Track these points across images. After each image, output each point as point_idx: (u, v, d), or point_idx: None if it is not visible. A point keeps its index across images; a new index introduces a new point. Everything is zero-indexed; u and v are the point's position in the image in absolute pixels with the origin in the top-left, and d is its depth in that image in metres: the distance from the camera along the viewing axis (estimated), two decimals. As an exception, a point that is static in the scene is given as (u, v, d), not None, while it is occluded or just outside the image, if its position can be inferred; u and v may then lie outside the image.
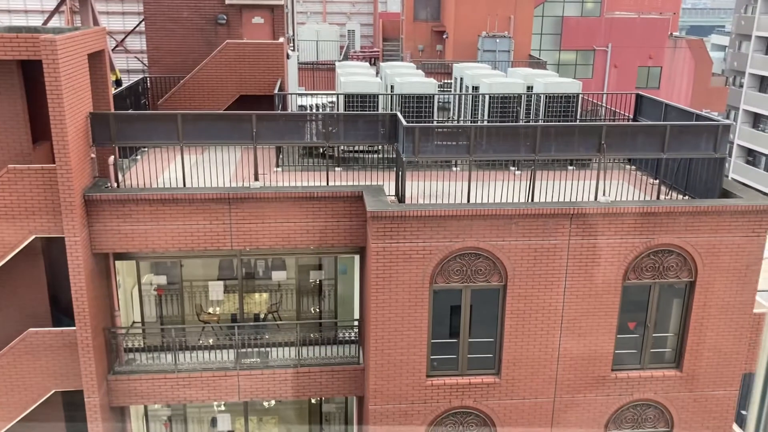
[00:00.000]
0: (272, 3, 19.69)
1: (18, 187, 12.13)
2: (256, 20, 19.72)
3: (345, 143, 14.56)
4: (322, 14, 48.66)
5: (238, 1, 19.50)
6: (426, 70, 24.73)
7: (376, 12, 49.62)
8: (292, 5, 22.90)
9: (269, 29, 20.10)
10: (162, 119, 13.55)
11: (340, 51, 36.31)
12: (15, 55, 11.65)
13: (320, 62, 31.32)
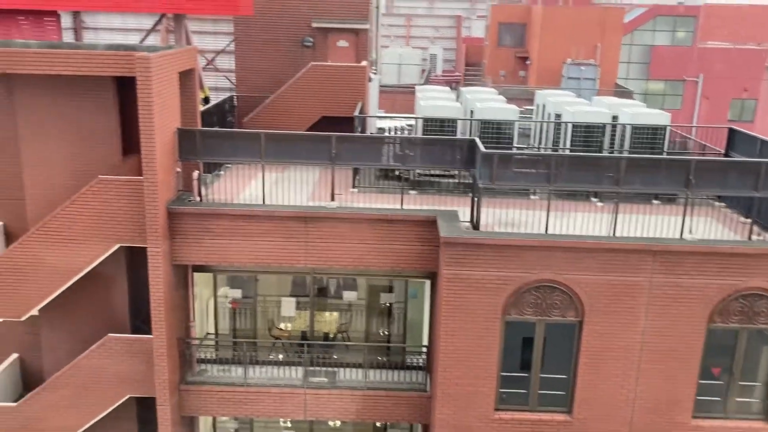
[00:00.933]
0: (357, 27, 20.00)
1: (107, 197, 12.67)
2: (341, 43, 20.06)
3: (421, 167, 14.54)
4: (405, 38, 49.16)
5: (325, 25, 19.91)
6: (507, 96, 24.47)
7: (460, 37, 49.73)
8: (377, 29, 23.20)
9: (353, 52, 20.40)
10: (246, 137, 13.91)
11: (421, 74, 36.52)
12: (111, 71, 12.24)
13: (401, 85, 31.56)
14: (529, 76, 38.59)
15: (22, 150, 13.45)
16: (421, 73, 36.96)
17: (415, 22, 50.33)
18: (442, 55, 46.18)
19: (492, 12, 40.33)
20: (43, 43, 14.28)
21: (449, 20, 51.26)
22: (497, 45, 39.61)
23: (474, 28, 51.17)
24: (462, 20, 51.04)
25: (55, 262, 12.79)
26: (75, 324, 14.16)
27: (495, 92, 20.26)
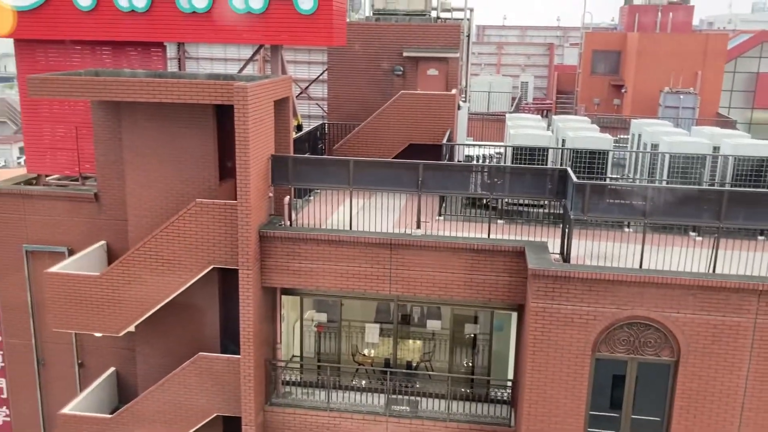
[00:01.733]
0: (448, 56, 20.10)
1: (202, 219, 13.17)
2: (431, 72, 20.21)
3: (510, 196, 14.33)
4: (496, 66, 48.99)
5: (415, 54, 20.12)
6: (601, 124, 23.85)
7: (552, 64, 49.10)
8: (467, 57, 23.24)
9: (443, 80, 20.49)
10: (335, 164, 14.16)
11: (511, 102, 36.21)
12: (211, 99, 12.79)
13: (491, 113, 31.37)
14: (624, 105, 37.52)
15: (126, 173, 14.23)
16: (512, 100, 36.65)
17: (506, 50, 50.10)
18: (533, 82, 45.69)
19: (586, 39, 39.63)
20: (150, 72, 15.10)
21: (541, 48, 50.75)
22: (591, 73, 38.81)
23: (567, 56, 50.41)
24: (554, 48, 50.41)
25: (153, 281, 13.36)
26: (168, 341, 14.72)
27: (588, 121, 19.80)
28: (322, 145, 20.13)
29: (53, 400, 16.48)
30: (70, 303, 13.59)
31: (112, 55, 15.81)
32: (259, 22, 14.68)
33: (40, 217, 15.43)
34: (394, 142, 18.18)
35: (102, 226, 15.22)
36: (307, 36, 14.82)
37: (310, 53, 24.46)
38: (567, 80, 43.91)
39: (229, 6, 14.59)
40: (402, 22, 20.81)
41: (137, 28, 15.04)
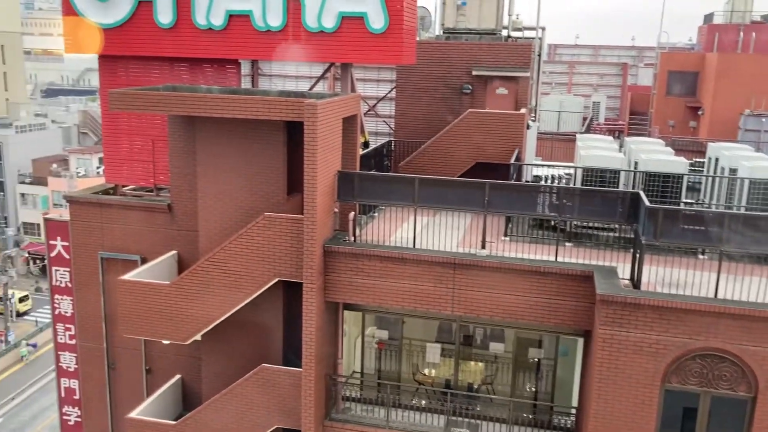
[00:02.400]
0: (518, 75, 19.91)
1: (270, 233, 13.40)
2: (500, 91, 20.05)
3: (579, 219, 14.01)
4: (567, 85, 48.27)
5: (485, 73, 20.02)
6: (675, 147, 23.11)
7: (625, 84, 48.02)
8: (538, 76, 22.97)
9: (512, 99, 20.29)
10: (401, 182, 14.19)
11: (582, 122, 35.53)
12: (282, 116, 13.05)
13: (561, 133, 30.86)
14: (701, 127, 36.28)
15: (199, 185, 14.65)
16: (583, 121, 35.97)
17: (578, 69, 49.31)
18: (605, 103, 44.74)
19: (661, 59, 38.59)
20: (224, 88, 15.55)
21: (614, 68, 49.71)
22: (666, 94, 37.72)
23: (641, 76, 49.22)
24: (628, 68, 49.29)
25: (220, 291, 13.66)
26: (233, 351, 14.98)
27: (662, 143, 19.21)
28: (388, 162, 20.21)
29: (122, 403, 17.01)
30: (141, 310, 14.03)
31: (189, 71, 16.37)
32: (330, 41, 14.93)
33: (116, 225, 16.04)
34: (461, 160, 18.08)
35: (174, 236, 15.69)
36: (377, 54, 14.97)
37: (379, 71, 24.66)
38: (640, 101, 42.81)
39: (302, 25, 14.89)
40: (472, 41, 20.76)
41: (214, 46, 15.53)
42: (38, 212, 65.75)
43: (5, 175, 67.29)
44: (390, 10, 14.53)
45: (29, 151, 68.29)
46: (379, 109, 24.20)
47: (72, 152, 68.06)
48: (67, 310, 17.57)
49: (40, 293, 60.00)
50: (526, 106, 20.39)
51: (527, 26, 22.96)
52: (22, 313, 56.73)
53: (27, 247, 65.47)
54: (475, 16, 21.13)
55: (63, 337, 17.84)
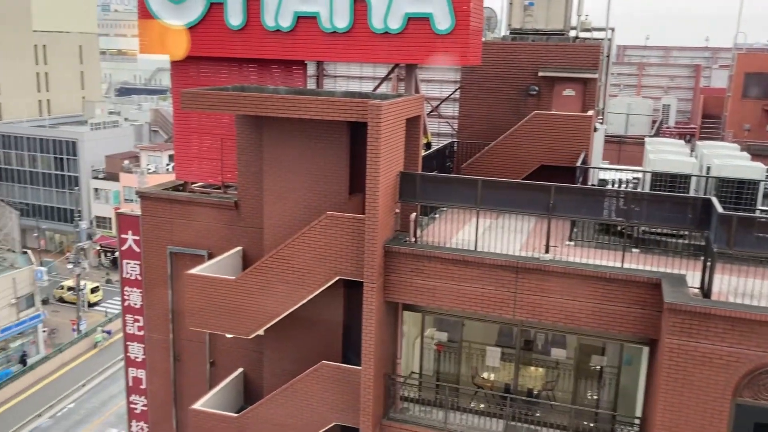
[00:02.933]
0: (586, 76, 19.52)
1: (332, 231, 13.54)
2: (567, 92, 19.70)
3: (647, 225, 13.64)
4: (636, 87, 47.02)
5: (552, 74, 19.71)
6: (751, 152, 22.20)
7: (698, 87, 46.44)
8: (606, 78, 22.46)
9: (579, 101, 19.91)
10: (464, 183, 14.11)
11: (651, 126, 34.53)
12: (347, 116, 13.17)
13: (629, 136, 30.08)
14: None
15: (265, 183, 14.93)
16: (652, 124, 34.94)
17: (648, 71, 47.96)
18: (675, 105, 43.36)
19: (738, 61, 37.12)
20: (291, 89, 15.80)
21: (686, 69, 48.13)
22: (742, 96, 36.26)
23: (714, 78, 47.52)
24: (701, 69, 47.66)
25: (283, 288, 13.88)
26: (294, 347, 15.21)
27: (736, 148, 18.51)
28: (450, 163, 20.13)
29: (186, 393, 17.50)
30: (206, 304, 14.40)
31: (257, 72, 16.70)
32: (396, 42, 14.97)
33: (185, 221, 16.52)
34: (525, 163, 17.85)
35: (239, 233, 16.05)
36: (442, 55, 14.93)
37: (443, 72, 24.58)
38: (714, 104, 41.29)
39: (368, 26, 14.99)
40: (539, 42, 20.47)
41: (281, 47, 15.79)
42: (110, 207, 68.32)
43: (80, 170, 70.15)
44: (456, 10, 14.47)
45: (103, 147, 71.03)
46: (442, 110, 24.13)
47: (143, 149, 70.42)
48: (136, 302, 18.19)
49: (110, 285, 62.31)
50: (594, 108, 19.96)
51: (596, 27, 22.49)
52: (93, 303, 59.04)
53: (99, 240, 68.07)
54: (542, 16, 20.83)
55: (132, 328, 18.48)
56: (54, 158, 70.93)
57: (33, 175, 72.24)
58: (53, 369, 48.69)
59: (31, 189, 72.56)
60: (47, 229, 71.31)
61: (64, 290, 59.27)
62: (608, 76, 22.76)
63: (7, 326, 47.06)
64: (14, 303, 47.31)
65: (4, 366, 47.49)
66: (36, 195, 72.54)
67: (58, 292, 59.55)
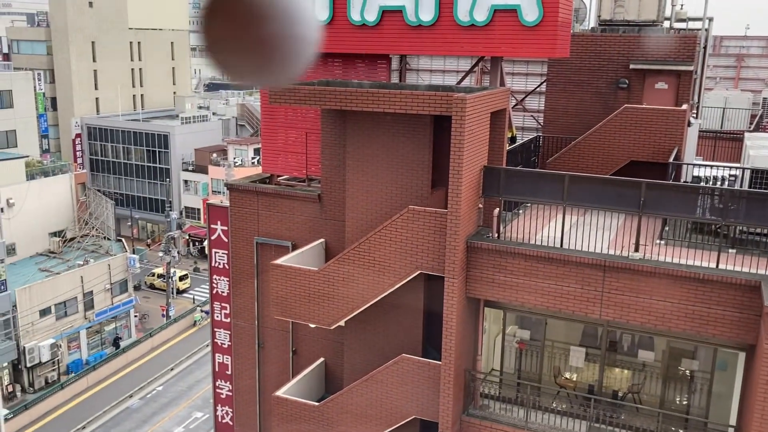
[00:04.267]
0: (680, 68, 18.70)
1: (413, 225, 13.55)
2: (659, 85, 18.94)
3: (745, 224, 12.96)
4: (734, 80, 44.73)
5: (643, 66, 18.99)
6: None
7: (802, 79, 43.68)
8: (702, 71, 21.44)
9: (672, 95, 19.10)
10: (549, 178, 13.83)
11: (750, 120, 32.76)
12: (431, 110, 13.13)
13: (725, 131, 28.65)
14: None
15: (348, 177, 15.10)
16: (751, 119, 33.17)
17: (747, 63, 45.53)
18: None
19: None
20: (374, 83, 15.88)
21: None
22: None
23: (821, 69, 44.57)
24: (806, 60, 44.83)
25: (364, 280, 14.02)
26: (375, 339, 15.35)
27: None
28: (535, 158, 19.74)
29: (269, 380, 17.98)
30: (290, 294, 14.72)
31: (342, 66, 16.88)
32: (482, 35, 14.78)
33: (271, 213, 16.93)
34: (614, 158, 17.29)
35: (322, 225, 16.31)
36: (529, 48, 14.64)
37: (528, 64, 24.14)
38: (820, 97, 38.72)
39: (453, 19, 14.87)
40: (630, 33, 19.75)
41: (366, 42, 15.89)
42: (198, 198, 70.83)
43: (171, 162, 73.05)
44: (544, 2, 14.13)
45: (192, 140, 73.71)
46: (527, 104, 23.68)
47: (230, 143, 72.59)
48: (223, 290, 18.80)
49: (198, 273, 64.66)
50: (688, 102, 19.10)
51: (692, 17, 21.50)
52: (181, 290, 61.49)
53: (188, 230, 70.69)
54: (634, 6, 20.08)
55: (219, 315, 19.11)
56: (147, 150, 74.14)
57: (127, 167, 75.78)
58: (144, 352, 51.04)
59: (125, 180, 76.14)
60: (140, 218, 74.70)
61: (155, 277, 61.98)
62: (704, 68, 21.73)
63: (102, 310, 49.63)
64: (109, 288, 49.85)
65: (99, 348, 50.15)
66: (130, 186, 76.06)
67: (150, 279, 62.33)
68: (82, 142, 76.95)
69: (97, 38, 78.30)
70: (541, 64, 22.46)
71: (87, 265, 48.89)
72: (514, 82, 24.05)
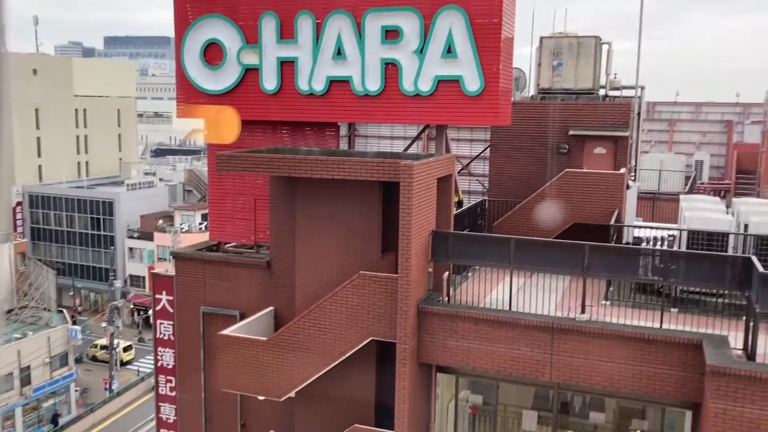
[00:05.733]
0: (616, 134, 19.53)
1: (364, 291, 13.51)
2: (598, 150, 19.70)
3: (685, 284, 13.35)
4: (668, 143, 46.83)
5: (582, 132, 19.77)
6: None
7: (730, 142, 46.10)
8: (637, 135, 22.43)
9: (611, 159, 19.87)
10: (496, 242, 14.06)
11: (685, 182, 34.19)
12: (379, 176, 13.31)
13: (662, 193, 29.80)
14: (817, 186, 34.08)
15: (297, 243, 15.04)
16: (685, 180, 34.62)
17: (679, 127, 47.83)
18: (708, 161, 42.99)
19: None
20: (323, 150, 16.07)
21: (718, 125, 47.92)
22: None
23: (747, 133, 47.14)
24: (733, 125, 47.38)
25: (316, 348, 13.80)
26: (326, 409, 15.00)
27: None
28: (482, 221, 20.10)
29: (216, 456, 17.28)
30: (238, 365, 14.35)
31: (291, 133, 17.05)
32: (426, 103, 15.20)
33: (218, 281, 16.65)
34: (558, 221, 17.73)
35: (271, 293, 16.09)
36: (472, 116, 15.10)
37: (472, 131, 24.85)
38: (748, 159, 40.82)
39: (399, 89, 15.27)
40: (568, 101, 20.62)
41: (314, 110, 16.13)
42: (144, 266, 69.23)
43: (116, 230, 71.52)
44: (486, 72, 14.69)
45: (138, 207, 72.54)
46: (472, 168, 24.23)
47: (177, 209, 71.70)
48: (169, 363, 18.22)
49: (143, 343, 62.56)
50: (626, 165, 19.89)
51: (625, 85, 22.62)
52: (125, 362, 59.24)
53: (132, 299, 68.74)
54: (571, 76, 21.04)
55: (164, 388, 18.45)
56: (91, 218, 72.51)
57: (70, 235, 73.81)
58: (85, 429, 48.58)
59: (68, 248, 74.03)
60: (82, 288, 72.37)
61: (97, 349, 59.66)
62: (639, 132, 22.74)
63: (40, 385, 47.31)
64: (48, 362, 47.68)
65: (36, 426, 47.52)
66: (73, 254, 73.93)
67: (92, 351, 59.95)
68: (23, 210, 74.84)
69: (41, 105, 77.37)
70: (485, 130, 23.15)
71: (25, 338, 46.79)
72: (459, 147, 24.67)
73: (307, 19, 15.61)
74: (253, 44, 16.17)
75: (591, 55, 20.95)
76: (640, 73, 21.93)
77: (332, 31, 15.45)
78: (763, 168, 36.50)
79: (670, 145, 47.02)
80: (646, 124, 44.31)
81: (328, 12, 15.44)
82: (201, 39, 16.54)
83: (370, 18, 15.13)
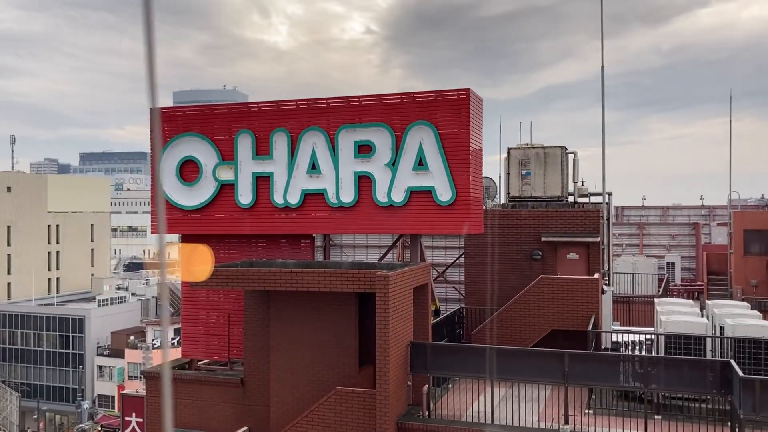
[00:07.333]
0: (588, 240, 19.86)
1: (342, 408, 13.09)
2: (570, 256, 19.95)
3: (666, 390, 13.19)
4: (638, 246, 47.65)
5: (554, 239, 20.08)
6: (762, 309, 22.02)
7: (699, 244, 47.05)
8: (608, 240, 22.84)
9: (584, 264, 20.10)
10: (475, 353, 13.87)
11: (658, 284, 34.55)
12: (355, 288, 13.25)
13: (636, 296, 30.00)
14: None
15: (272, 359, 14.68)
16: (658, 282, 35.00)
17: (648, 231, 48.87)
18: (680, 263, 43.67)
19: (735, 219, 37.87)
20: (298, 262, 16.03)
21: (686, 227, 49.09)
22: (744, 253, 36.61)
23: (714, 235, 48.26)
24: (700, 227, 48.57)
25: (291, 471, 13.17)
26: None
27: (747, 306, 18.36)
28: (460, 329, 19.92)
29: None
30: (210, 491, 13.59)
31: (266, 246, 17.05)
32: (400, 214, 15.41)
33: (190, 401, 16.05)
34: (535, 328, 17.66)
35: (245, 411, 15.53)
36: (445, 225, 15.30)
37: (446, 238, 25.12)
38: (717, 260, 41.53)
39: (373, 200, 15.52)
40: (538, 208, 21.07)
41: (289, 223, 16.25)
42: (113, 384, 66.69)
43: (85, 348, 69.38)
44: (457, 183, 15.03)
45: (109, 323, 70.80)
46: (448, 275, 24.29)
47: (149, 324, 70.07)
48: (136, 490, 17.22)
49: (110, 468, 59.17)
50: (599, 270, 20.10)
51: (593, 192, 23.26)
52: (90, 489, 55.75)
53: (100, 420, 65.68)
54: (540, 184, 21.63)
55: None
56: (59, 336, 70.42)
57: (37, 354, 71.34)
58: None
59: (34, 368, 71.32)
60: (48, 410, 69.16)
61: (60, 476, 56.27)
62: (610, 237, 23.17)
63: None
64: (6, 493, 44.71)
65: None
66: (39, 374, 71.17)
67: (54, 479, 56.49)
68: (-11, 329, 72.62)
69: (13, 222, 76.97)
70: (459, 237, 23.40)
71: (-18, 467, 44.07)
72: (434, 254, 24.82)
73: (282, 136, 16.02)
74: (229, 160, 16.46)
75: (558, 164, 21.66)
76: (606, 178, 22.63)
77: (307, 147, 15.83)
78: (733, 269, 37.09)
79: (641, 248, 47.84)
80: (616, 228, 45.24)
81: (302, 129, 15.88)
82: (177, 156, 16.81)
83: (344, 134, 15.58)
